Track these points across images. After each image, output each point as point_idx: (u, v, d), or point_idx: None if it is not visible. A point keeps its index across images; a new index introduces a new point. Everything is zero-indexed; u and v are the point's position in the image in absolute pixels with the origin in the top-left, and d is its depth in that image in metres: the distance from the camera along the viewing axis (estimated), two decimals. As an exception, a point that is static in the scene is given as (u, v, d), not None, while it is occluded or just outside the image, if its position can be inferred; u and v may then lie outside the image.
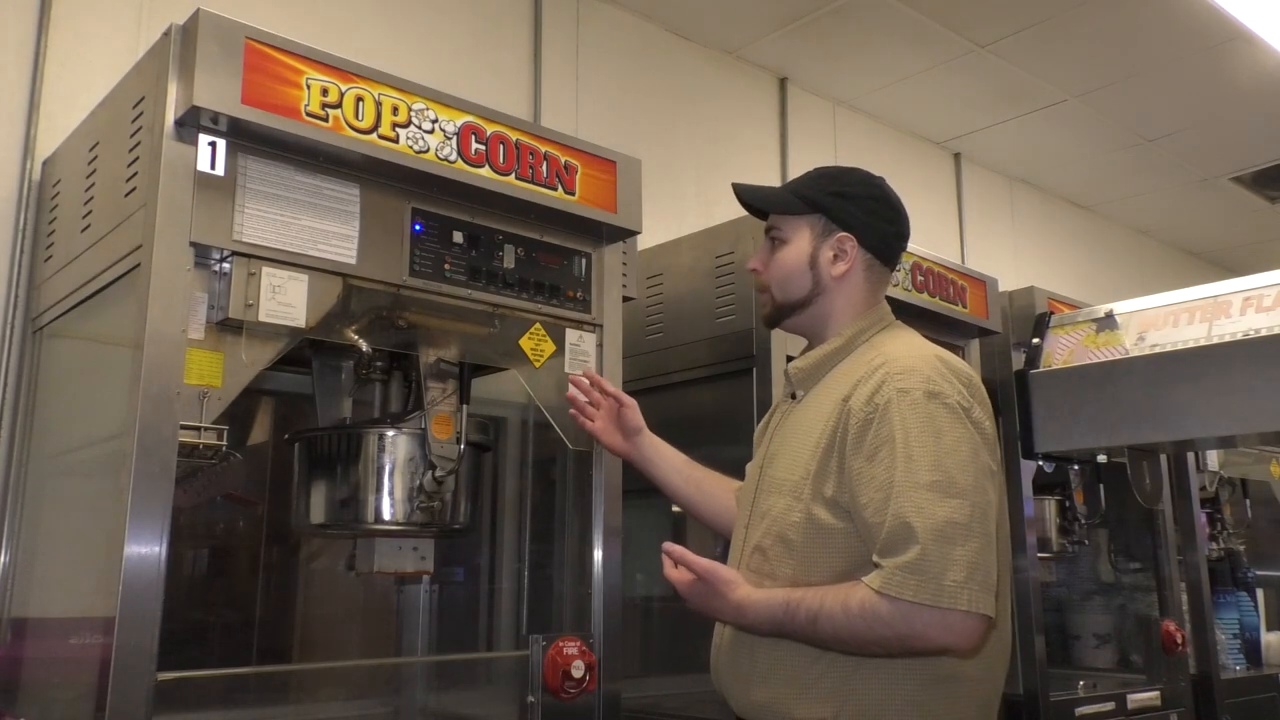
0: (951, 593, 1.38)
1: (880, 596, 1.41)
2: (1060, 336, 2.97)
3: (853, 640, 1.45)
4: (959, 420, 1.49)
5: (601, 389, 1.99)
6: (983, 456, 1.49)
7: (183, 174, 1.68)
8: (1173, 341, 2.62)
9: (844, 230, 1.68)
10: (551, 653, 1.95)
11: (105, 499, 1.65)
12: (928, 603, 1.38)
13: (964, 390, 1.53)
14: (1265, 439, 3.32)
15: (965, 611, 1.39)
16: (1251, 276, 2.58)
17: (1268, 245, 6.13)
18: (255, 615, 2.37)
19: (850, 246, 1.68)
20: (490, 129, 2.02)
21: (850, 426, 1.53)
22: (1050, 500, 3.41)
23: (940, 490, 1.43)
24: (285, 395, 2.40)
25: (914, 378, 1.51)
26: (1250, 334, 2.47)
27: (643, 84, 3.68)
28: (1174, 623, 3.51)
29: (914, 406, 1.48)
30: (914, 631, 1.40)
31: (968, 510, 1.43)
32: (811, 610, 1.47)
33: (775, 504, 1.62)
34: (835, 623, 1.44)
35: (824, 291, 1.69)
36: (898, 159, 4.63)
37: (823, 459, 1.56)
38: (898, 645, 1.44)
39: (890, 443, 1.47)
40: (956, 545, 1.40)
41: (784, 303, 1.72)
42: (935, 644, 1.42)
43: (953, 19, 3.73)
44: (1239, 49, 3.93)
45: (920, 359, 1.56)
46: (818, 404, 1.64)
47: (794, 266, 1.69)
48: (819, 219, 1.69)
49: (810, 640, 1.50)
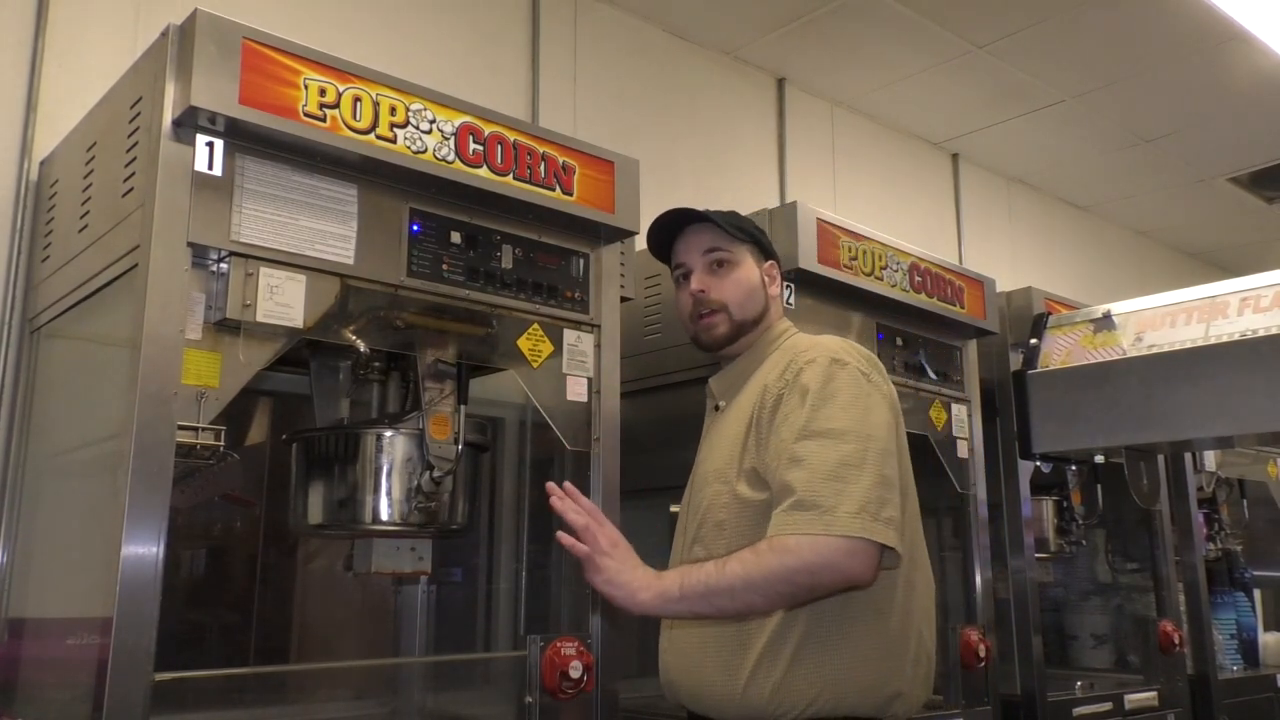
0: (844, 522, 1.49)
1: (785, 536, 1.51)
2: (1058, 337, 2.97)
3: (760, 577, 1.50)
4: (857, 380, 1.64)
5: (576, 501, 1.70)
6: (881, 411, 1.63)
7: (180, 174, 1.68)
8: (1170, 342, 2.63)
9: (769, 260, 1.91)
10: (549, 653, 1.95)
11: (103, 499, 1.65)
12: (822, 532, 1.49)
13: (864, 361, 1.69)
14: (1262, 439, 3.33)
15: (862, 539, 1.49)
16: (1249, 277, 2.58)
17: (1265, 245, 6.14)
18: (253, 616, 2.37)
19: (776, 272, 1.92)
20: (488, 129, 2.02)
21: (766, 403, 1.67)
22: (1048, 500, 3.42)
23: (834, 437, 1.56)
24: (283, 395, 2.39)
25: (818, 350, 1.69)
26: (1248, 334, 2.47)
27: (641, 84, 3.68)
28: (1171, 623, 3.51)
29: (817, 371, 1.64)
30: (820, 557, 1.49)
31: (859, 453, 1.55)
32: (720, 561, 1.55)
33: (706, 494, 1.74)
34: (744, 563, 1.52)
35: (766, 310, 1.87)
36: (896, 159, 4.63)
37: (744, 440, 1.69)
38: (805, 577, 1.50)
39: (796, 409, 1.62)
40: (849, 483, 1.52)
41: (743, 320, 1.84)
42: (840, 570, 1.50)
43: (951, 19, 3.74)
44: (1236, 50, 3.94)
45: (825, 341, 1.74)
46: (739, 405, 1.77)
47: (753, 286, 1.86)
48: (754, 249, 1.89)
49: (713, 591, 1.52)
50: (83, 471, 1.98)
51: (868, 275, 2.72)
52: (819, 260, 2.58)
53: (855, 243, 2.69)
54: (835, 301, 2.70)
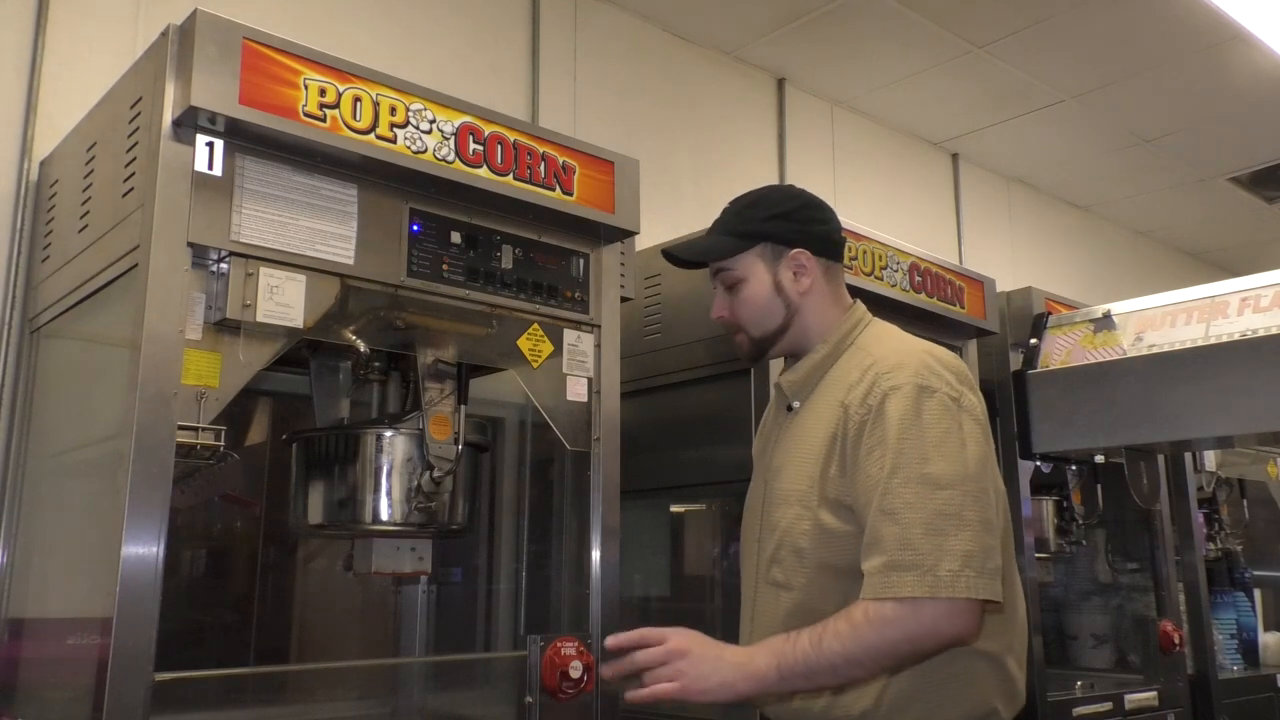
0: (949, 582, 1.40)
1: (881, 601, 1.43)
2: (1058, 337, 2.97)
3: (862, 652, 1.44)
4: (949, 411, 1.52)
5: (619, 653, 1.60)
6: (975, 444, 1.52)
7: (180, 174, 1.68)
8: (1170, 342, 2.63)
9: (795, 248, 1.72)
10: (549, 653, 1.95)
11: (103, 499, 1.65)
12: (926, 595, 1.40)
13: (953, 380, 1.56)
14: (1262, 439, 3.33)
15: (966, 599, 1.41)
16: (1249, 277, 2.58)
17: (1265, 245, 6.14)
18: (253, 616, 2.37)
19: (806, 259, 1.72)
20: (488, 129, 2.02)
21: (849, 430, 1.56)
22: (1048, 500, 3.41)
23: (928, 484, 1.45)
24: (283, 396, 2.39)
25: (903, 373, 1.55)
26: (1248, 334, 2.47)
27: (641, 84, 3.68)
28: (1171, 623, 3.51)
29: (904, 403, 1.51)
30: (922, 626, 1.42)
31: (958, 500, 1.45)
32: (815, 635, 1.46)
33: (784, 515, 1.64)
34: (842, 638, 1.44)
35: (797, 310, 1.72)
36: (895, 159, 4.63)
37: (824, 464, 1.58)
38: (908, 646, 1.45)
39: (883, 443, 1.50)
40: (948, 536, 1.43)
41: (763, 336, 1.74)
42: (944, 635, 1.44)
43: (950, 20, 3.73)
44: (1236, 49, 3.94)
45: (908, 354, 1.60)
46: (815, 412, 1.66)
47: (763, 299, 1.72)
48: (765, 247, 1.73)
49: (814, 671, 1.46)
50: (83, 471, 1.98)
51: (868, 275, 2.72)
52: (819, 260, 2.57)
53: (855, 242, 2.69)
54: (835, 301, 2.69)
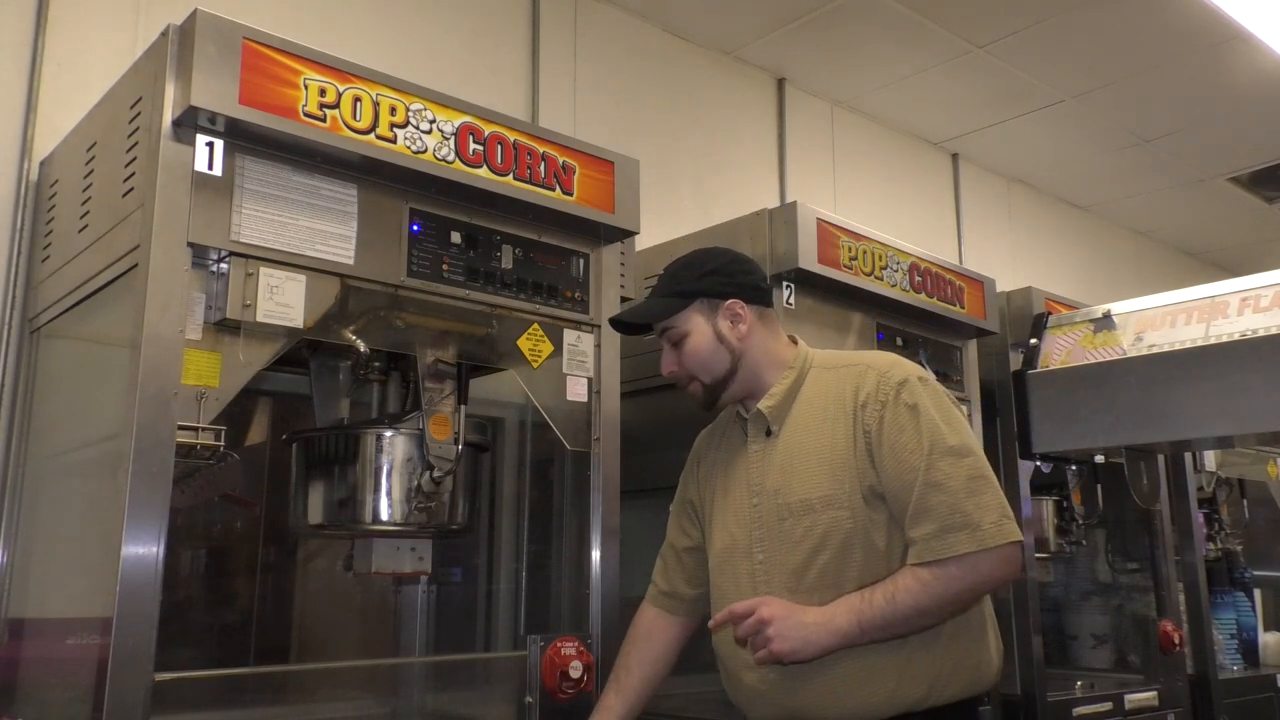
0: (993, 534, 1.63)
1: (942, 562, 1.63)
2: (1058, 337, 2.97)
3: (932, 603, 1.64)
4: (941, 393, 1.78)
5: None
6: (962, 416, 1.79)
7: (180, 174, 1.68)
8: (1170, 342, 2.62)
9: (729, 299, 1.87)
10: (549, 653, 1.95)
11: (103, 499, 1.65)
12: (978, 548, 1.62)
13: (931, 376, 1.82)
14: (1262, 439, 3.33)
15: (1011, 543, 1.64)
16: (1249, 277, 2.58)
17: (1265, 245, 6.14)
18: (253, 616, 2.37)
19: (740, 308, 1.87)
20: (488, 129, 2.02)
21: (869, 426, 1.74)
22: (1048, 500, 3.41)
23: (955, 454, 1.68)
24: (283, 396, 2.39)
25: (900, 369, 1.78)
26: (1248, 334, 2.47)
27: (641, 84, 3.68)
28: (1171, 623, 3.51)
29: (915, 391, 1.74)
30: (981, 576, 1.65)
31: (977, 463, 1.69)
32: (887, 592, 1.65)
33: (817, 522, 1.74)
34: (914, 594, 1.64)
35: (741, 355, 1.87)
36: (895, 159, 4.63)
37: (855, 463, 1.74)
38: (970, 595, 1.68)
39: (911, 427, 1.71)
40: (984, 495, 1.66)
41: (714, 383, 1.87)
42: (999, 579, 1.67)
43: (950, 19, 3.73)
44: (1236, 49, 3.94)
45: (884, 357, 1.84)
46: (806, 427, 1.80)
47: (707, 349, 1.86)
48: (702, 302, 1.87)
49: (891, 623, 1.64)
50: (83, 471, 1.98)
51: (868, 275, 2.72)
52: (819, 260, 2.57)
53: (855, 243, 2.69)
54: (835, 302, 2.70)
